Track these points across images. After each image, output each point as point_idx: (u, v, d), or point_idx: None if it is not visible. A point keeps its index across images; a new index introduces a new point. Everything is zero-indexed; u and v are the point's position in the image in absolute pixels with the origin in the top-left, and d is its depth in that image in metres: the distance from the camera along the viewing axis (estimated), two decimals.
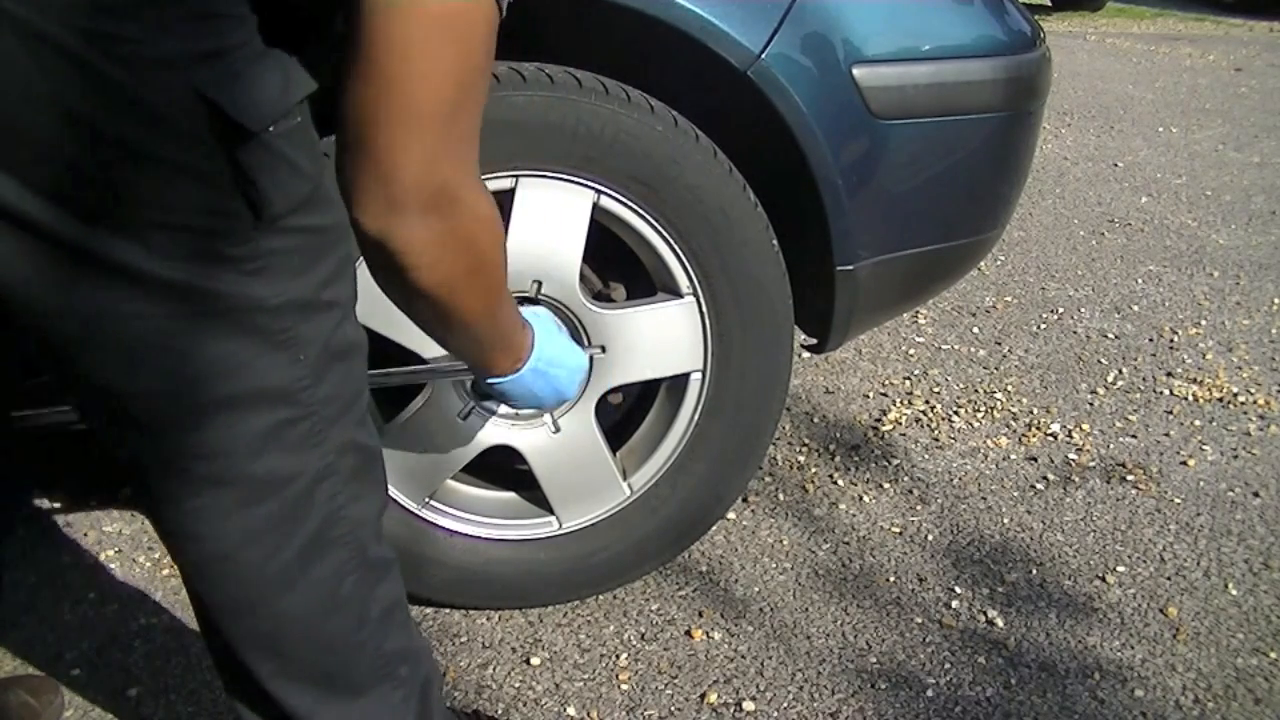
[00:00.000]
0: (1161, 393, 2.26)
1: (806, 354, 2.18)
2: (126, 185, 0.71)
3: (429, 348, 1.32)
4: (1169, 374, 2.35)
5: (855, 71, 1.34)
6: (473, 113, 0.80)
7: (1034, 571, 1.67)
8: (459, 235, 0.80)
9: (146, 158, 0.71)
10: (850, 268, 1.44)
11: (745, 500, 1.83)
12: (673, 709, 1.39)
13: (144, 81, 0.69)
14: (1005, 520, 1.81)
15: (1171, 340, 2.52)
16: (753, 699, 1.41)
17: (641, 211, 1.34)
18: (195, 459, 0.81)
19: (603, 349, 1.40)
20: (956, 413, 2.16)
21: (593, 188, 1.32)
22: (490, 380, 1.05)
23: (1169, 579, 1.66)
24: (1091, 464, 1.98)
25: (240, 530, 0.85)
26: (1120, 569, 1.68)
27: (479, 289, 0.87)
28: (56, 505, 1.78)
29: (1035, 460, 1.99)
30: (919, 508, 1.84)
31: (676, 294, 1.40)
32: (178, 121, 0.70)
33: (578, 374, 1.14)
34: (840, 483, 1.90)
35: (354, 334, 0.88)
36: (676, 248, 1.36)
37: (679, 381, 1.46)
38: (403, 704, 1.00)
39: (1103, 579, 1.66)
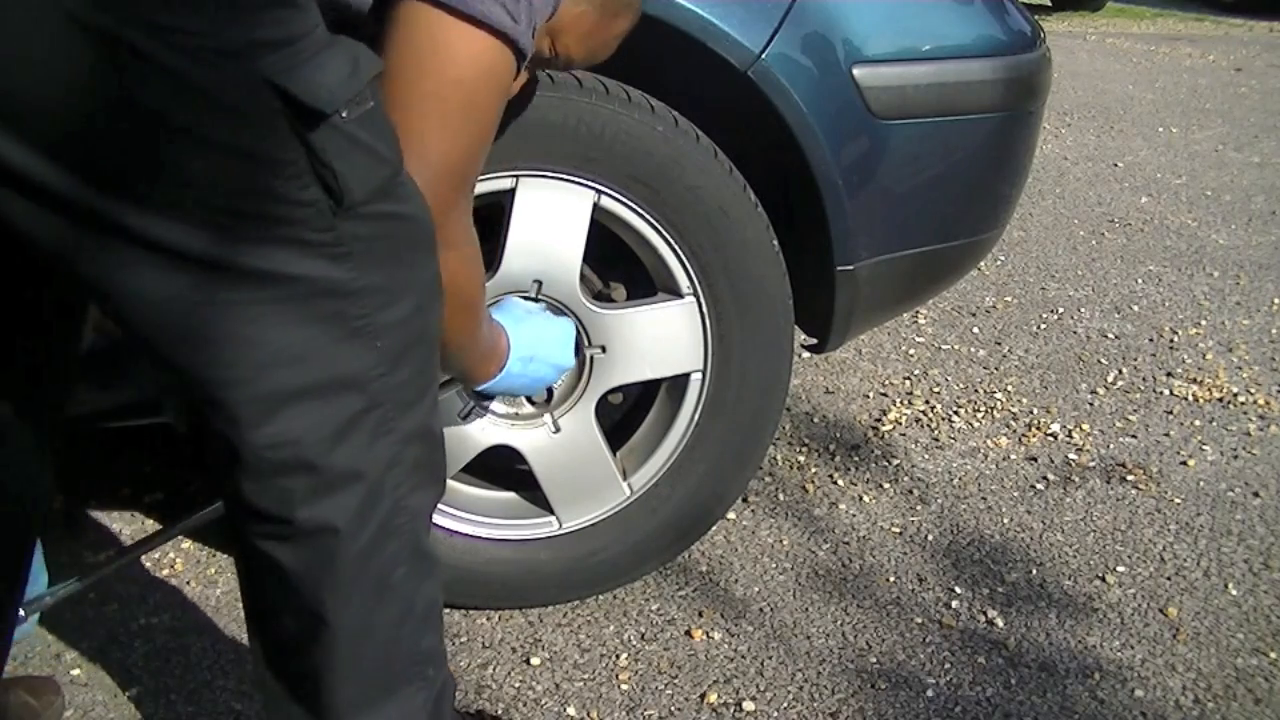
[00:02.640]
0: (1161, 393, 2.26)
1: (806, 354, 2.17)
2: (200, 175, 0.72)
3: None
4: (1169, 374, 2.35)
5: (855, 71, 1.34)
6: (474, 171, 0.91)
7: (1034, 571, 1.67)
8: (446, 275, 0.88)
9: (219, 148, 0.71)
10: (850, 268, 1.44)
11: (745, 500, 1.83)
12: (673, 709, 1.39)
13: (211, 72, 0.69)
14: (1005, 520, 1.81)
15: (1171, 340, 2.52)
16: (753, 699, 1.41)
17: (642, 211, 1.34)
18: (271, 446, 0.81)
19: (603, 349, 1.40)
20: (956, 413, 2.16)
21: (593, 188, 1.32)
22: (479, 389, 1.15)
23: (1169, 579, 1.66)
24: (1091, 464, 1.98)
25: (318, 519, 0.85)
26: (1120, 569, 1.68)
27: (459, 322, 0.99)
28: (57, 505, 1.78)
29: (1035, 460, 1.99)
30: (919, 508, 1.84)
31: (677, 294, 1.40)
32: (248, 111, 0.71)
33: (564, 342, 1.22)
34: (840, 483, 1.90)
35: (432, 322, 0.89)
36: (677, 248, 1.36)
37: (679, 381, 1.46)
38: (422, 707, 1.00)
39: (1103, 579, 1.66)
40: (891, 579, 1.65)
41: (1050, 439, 2.07)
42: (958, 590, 1.63)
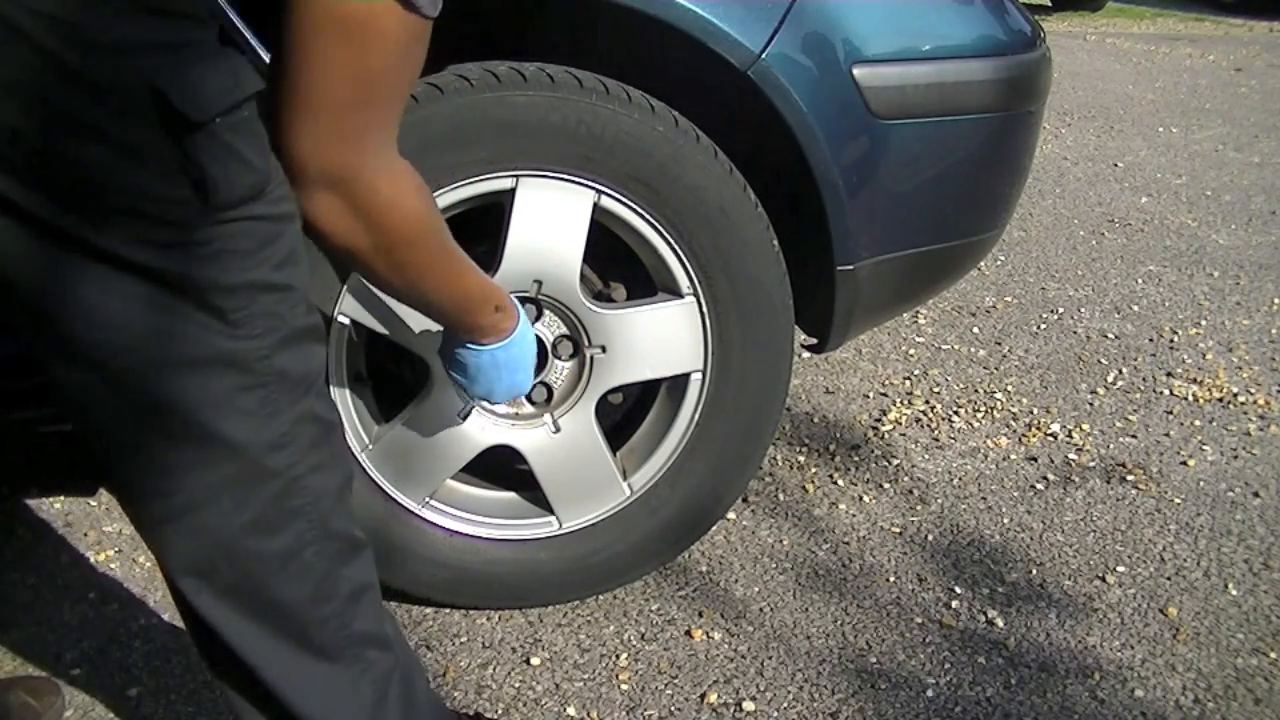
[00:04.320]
0: (1161, 393, 2.26)
1: (806, 354, 2.17)
2: (86, 167, 0.75)
3: (430, 353, 1.32)
4: (1169, 374, 2.35)
5: (855, 71, 1.34)
6: (374, 108, 0.87)
7: (1034, 571, 1.67)
8: (361, 213, 0.88)
9: (104, 141, 0.75)
10: (850, 268, 1.44)
11: (745, 500, 1.83)
12: (673, 709, 1.39)
13: (100, 65, 0.73)
14: (1005, 520, 1.81)
15: (1171, 340, 2.52)
16: (753, 699, 1.41)
17: (642, 212, 1.34)
18: (158, 413, 0.84)
19: (603, 349, 1.40)
20: (956, 413, 2.16)
21: (593, 188, 1.32)
22: (480, 345, 1.11)
23: (1169, 579, 1.66)
24: (1091, 464, 1.98)
25: (202, 486, 0.87)
26: (1120, 569, 1.68)
27: (395, 265, 0.95)
28: (56, 505, 1.78)
29: (1035, 460, 1.99)
30: (919, 508, 1.84)
31: (677, 294, 1.40)
32: (129, 106, 0.74)
33: (511, 388, 1.18)
34: (840, 483, 1.90)
35: (308, 317, 0.91)
36: (677, 248, 1.36)
37: (679, 381, 1.46)
38: (370, 688, 1.00)
39: (1103, 579, 1.66)
40: (891, 579, 1.65)
41: (1050, 439, 2.07)
42: (958, 590, 1.63)
